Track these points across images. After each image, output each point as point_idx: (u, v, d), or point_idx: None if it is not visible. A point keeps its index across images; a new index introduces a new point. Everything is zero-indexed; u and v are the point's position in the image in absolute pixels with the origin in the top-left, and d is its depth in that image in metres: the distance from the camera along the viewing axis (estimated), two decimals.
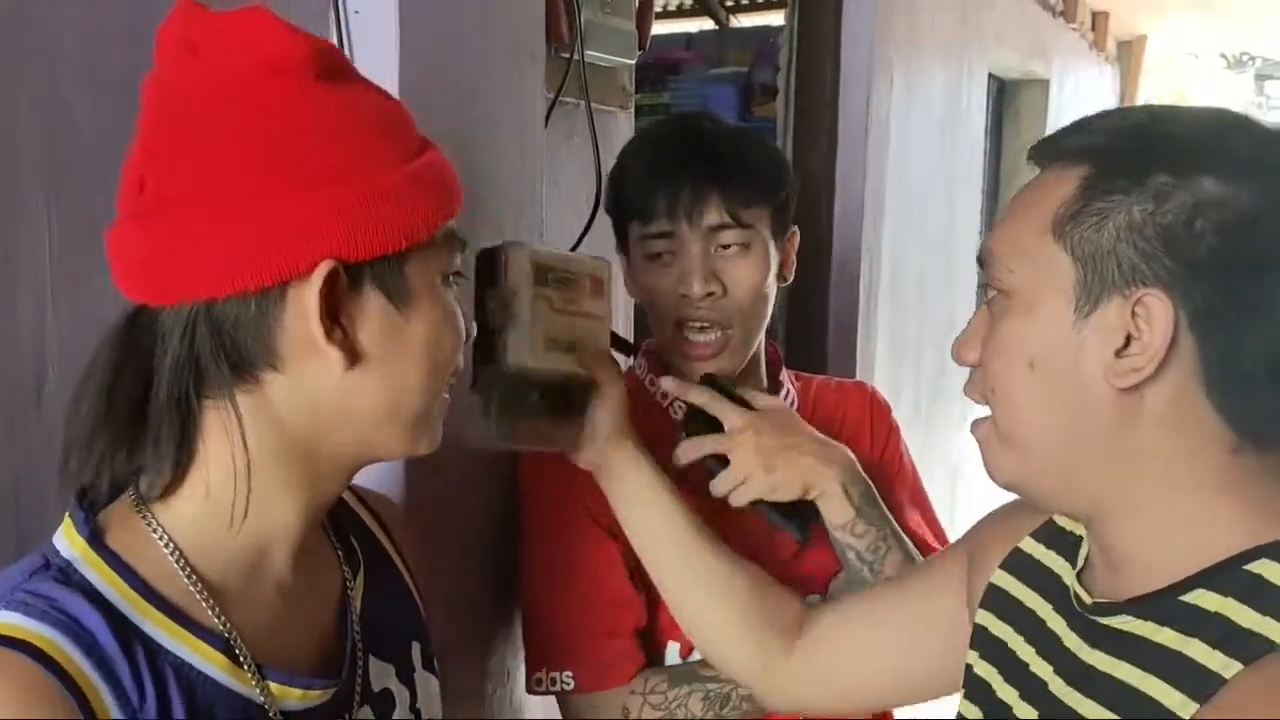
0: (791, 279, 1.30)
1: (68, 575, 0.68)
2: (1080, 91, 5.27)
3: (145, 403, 0.71)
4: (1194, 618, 0.71)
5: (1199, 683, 0.68)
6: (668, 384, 1.18)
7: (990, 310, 0.79)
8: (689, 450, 1.13)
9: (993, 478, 0.81)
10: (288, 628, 0.77)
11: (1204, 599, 0.71)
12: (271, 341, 0.71)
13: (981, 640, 0.90)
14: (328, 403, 0.73)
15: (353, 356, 0.72)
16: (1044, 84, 4.84)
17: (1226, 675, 0.67)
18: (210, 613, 0.72)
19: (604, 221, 1.32)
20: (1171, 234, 0.69)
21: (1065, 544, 0.87)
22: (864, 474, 1.16)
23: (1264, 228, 0.69)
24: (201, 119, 0.70)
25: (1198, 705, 0.68)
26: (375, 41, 1.07)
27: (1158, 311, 0.70)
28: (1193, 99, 10.51)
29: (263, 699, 0.73)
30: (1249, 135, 0.72)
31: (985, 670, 0.88)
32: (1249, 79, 10.60)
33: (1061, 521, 0.89)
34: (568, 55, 1.54)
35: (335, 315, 0.71)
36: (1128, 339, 0.71)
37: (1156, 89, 9.06)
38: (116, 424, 0.71)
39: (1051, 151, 0.78)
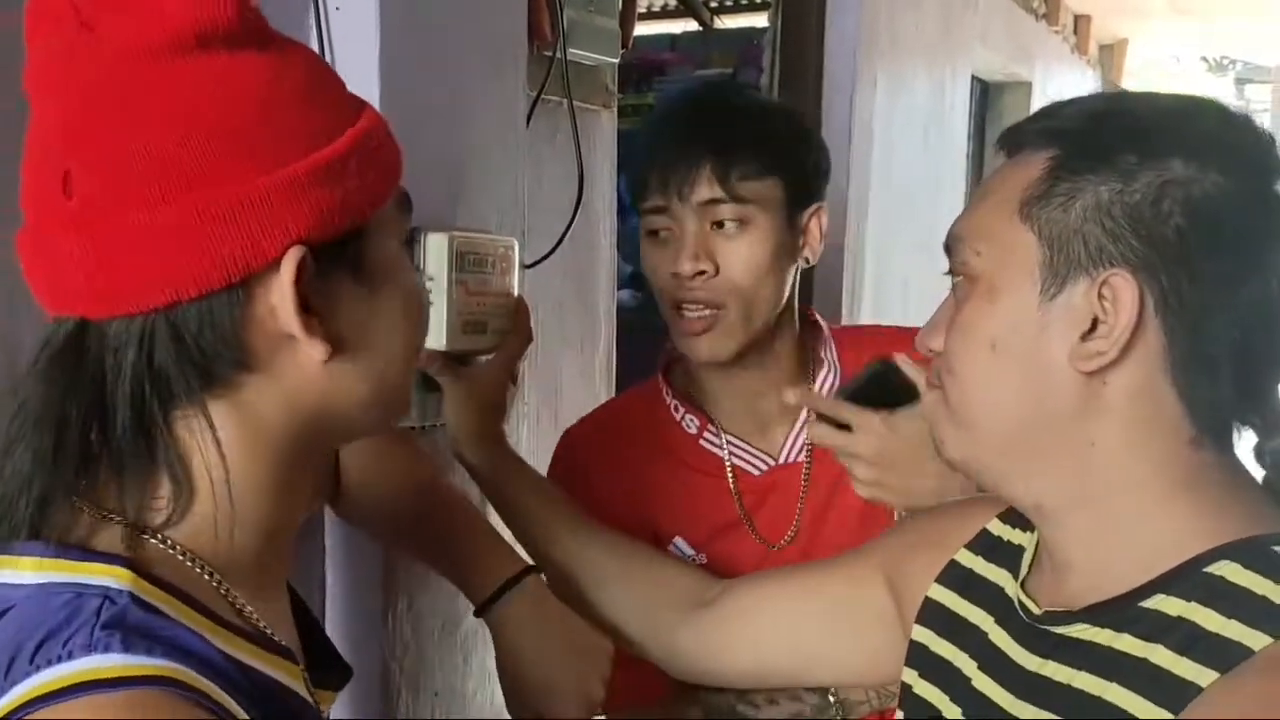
0: (815, 259, 1.22)
1: (137, 606, 0.60)
2: (1063, 94, 5.27)
3: (98, 432, 0.63)
4: (1155, 623, 0.69)
5: (1169, 691, 0.67)
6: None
7: (955, 296, 0.78)
8: (817, 433, 1.10)
9: (941, 452, 0.80)
10: (290, 626, 0.76)
11: (1165, 604, 0.69)
12: (241, 341, 0.63)
13: (919, 658, 0.88)
14: (309, 397, 0.67)
15: (334, 346, 0.66)
16: (1027, 86, 4.87)
17: (1201, 683, 0.65)
18: (257, 623, 0.68)
19: (585, 220, 1.31)
20: (1139, 213, 0.69)
21: (1005, 554, 0.85)
22: None
23: (1230, 208, 0.69)
24: (129, 102, 0.60)
25: (1169, 713, 0.66)
26: (356, 39, 1.07)
27: (1123, 292, 0.69)
28: None
29: (314, 702, 0.72)
30: (1216, 118, 0.73)
31: (926, 690, 0.86)
32: (1229, 83, 10.66)
33: (998, 531, 0.87)
34: (550, 53, 1.54)
35: (306, 306, 0.64)
36: (1094, 323, 0.70)
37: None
38: (65, 462, 0.63)
39: (1019, 138, 0.77)
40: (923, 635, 0.88)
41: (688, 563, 1.13)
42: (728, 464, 1.22)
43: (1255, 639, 0.65)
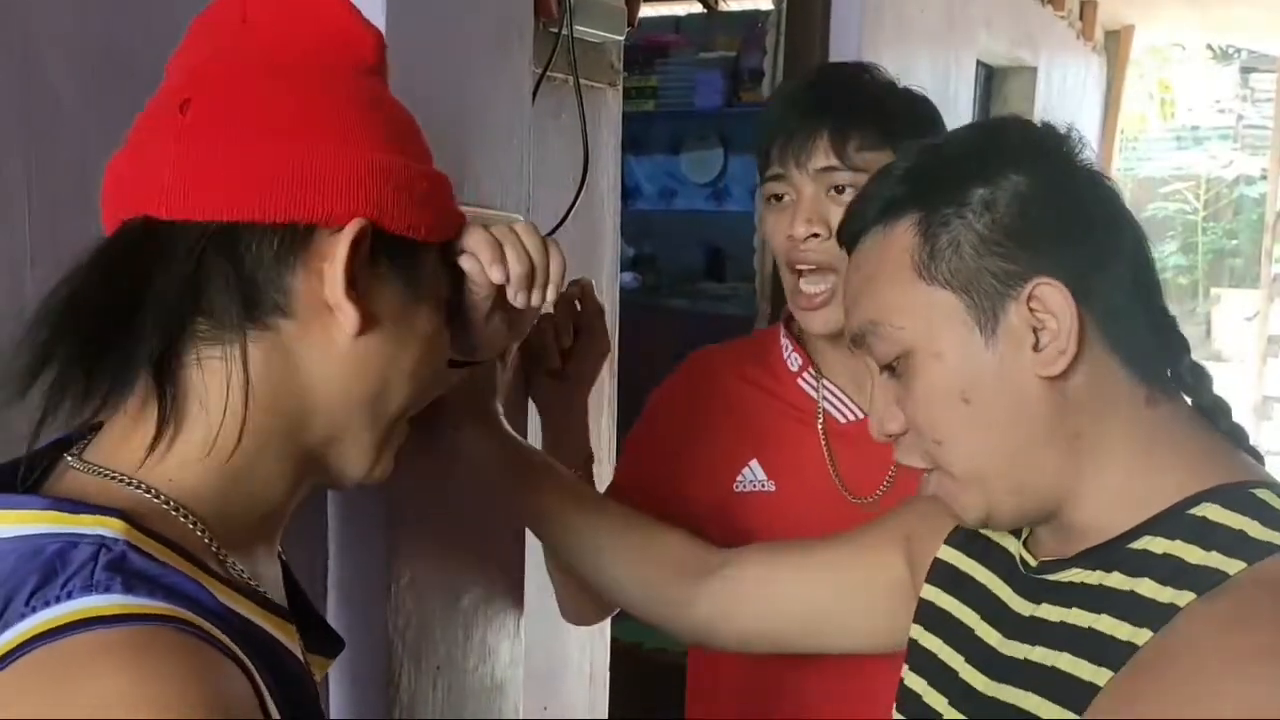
0: None
1: (135, 553, 0.61)
2: (1067, 80, 5.28)
3: (123, 325, 0.64)
4: (1143, 560, 0.75)
5: (1151, 614, 0.72)
6: None
7: (894, 377, 0.82)
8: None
9: (965, 520, 0.84)
10: (281, 593, 0.77)
11: (1152, 544, 0.75)
12: (288, 284, 0.67)
13: (927, 614, 0.93)
14: (329, 368, 0.70)
15: (366, 321, 0.69)
16: (1031, 72, 4.85)
17: (1180, 604, 0.71)
18: (249, 581, 0.69)
19: (589, 199, 1.31)
20: (1016, 230, 0.76)
21: None
22: None
23: (1070, 192, 0.78)
24: (264, 67, 0.69)
25: (1150, 632, 0.71)
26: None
27: (1051, 295, 0.75)
28: (1179, 90, 10.55)
29: (307, 662, 0.73)
30: (1015, 129, 0.82)
31: (931, 641, 0.91)
32: (1234, 71, 10.62)
33: None
34: (556, 30, 1.54)
35: (354, 278, 0.68)
36: (1035, 334, 0.76)
37: (1143, 79, 9.09)
38: (84, 341, 0.63)
39: (858, 226, 0.84)
40: (931, 593, 0.93)
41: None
42: (820, 406, 1.28)
43: (1232, 566, 0.71)
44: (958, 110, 4.03)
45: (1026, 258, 0.76)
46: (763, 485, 1.28)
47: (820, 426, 1.28)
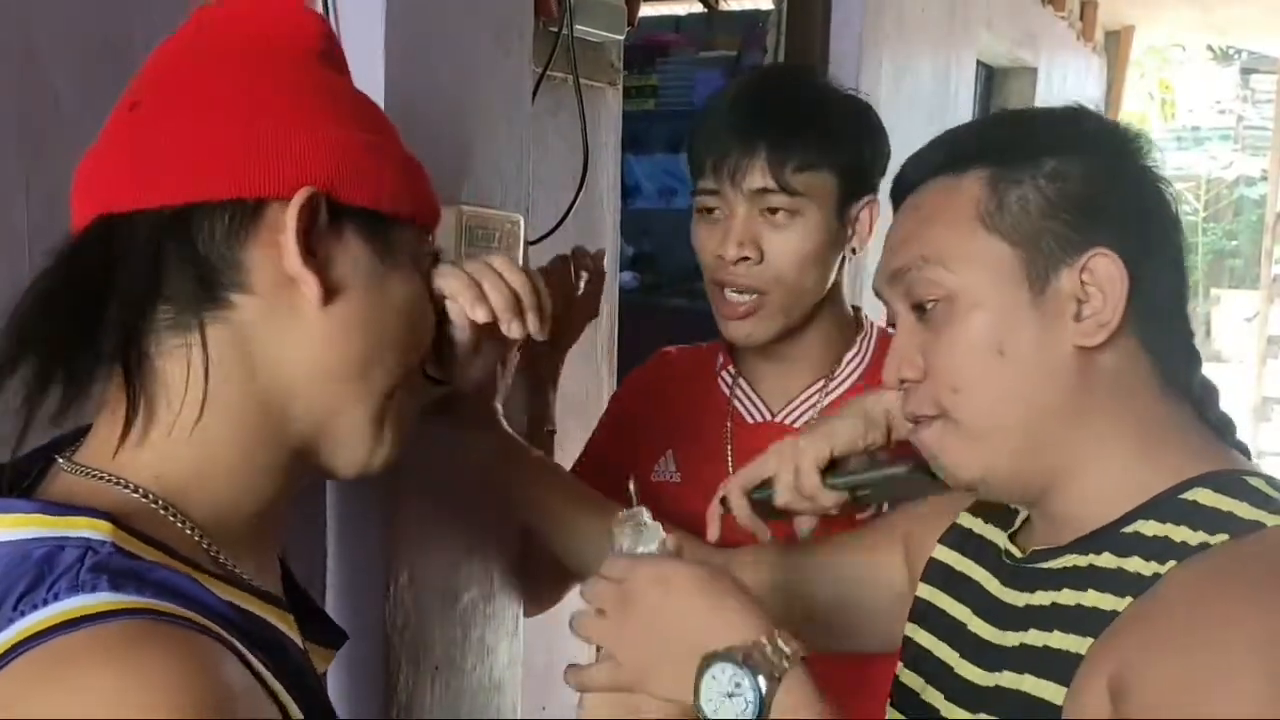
0: (862, 250, 1.25)
1: (120, 554, 0.60)
2: (1068, 80, 5.27)
3: (92, 321, 0.65)
4: (1133, 542, 0.76)
5: (1136, 585, 0.73)
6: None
7: (929, 321, 0.81)
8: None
9: (958, 477, 0.83)
10: (279, 587, 0.76)
11: (1144, 527, 0.76)
12: (242, 259, 0.67)
13: (921, 612, 0.93)
14: (300, 344, 0.69)
15: (329, 290, 0.69)
16: (1032, 72, 4.84)
17: (1163, 572, 0.72)
18: (240, 574, 0.68)
19: (589, 198, 1.31)
20: (1084, 203, 0.78)
21: (1001, 514, 0.91)
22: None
23: (1132, 184, 0.80)
24: (208, 58, 0.70)
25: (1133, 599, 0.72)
26: (362, 13, 1.06)
27: (1107, 268, 0.76)
28: (1179, 90, 10.54)
29: (305, 649, 0.73)
30: (1090, 118, 0.83)
31: (924, 638, 0.91)
32: (1234, 72, 10.62)
33: None
34: (556, 29, 1.54)
35: (312, 249, 0.68)
36: (1078, 304, 0.77)
37: (1143, 79, 9.08)
38: (54, 337, 0.64)
39: (923, 171, 0.85)
40: (926, 591, 0.94)
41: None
42: (730, 404, 1.28)
43: (1217, 539, 0.72)
44: (958, 110, 4.02)
45: (1088, 230, 0.77)
46: (672, 476, 1.29)
47: (729, 423, 1.28)
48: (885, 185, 1.20)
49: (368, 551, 1.14)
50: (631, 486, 0.88)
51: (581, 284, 1.30)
